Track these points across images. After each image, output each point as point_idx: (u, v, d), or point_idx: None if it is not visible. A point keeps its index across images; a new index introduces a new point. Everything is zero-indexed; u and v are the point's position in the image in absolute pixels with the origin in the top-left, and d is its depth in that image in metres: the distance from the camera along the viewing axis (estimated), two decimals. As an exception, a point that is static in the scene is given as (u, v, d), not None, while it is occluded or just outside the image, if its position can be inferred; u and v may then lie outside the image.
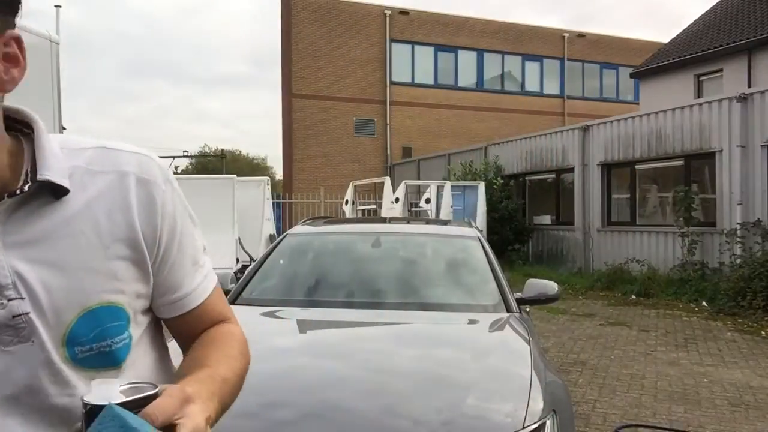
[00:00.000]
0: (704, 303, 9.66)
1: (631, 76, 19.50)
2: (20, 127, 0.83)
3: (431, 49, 23.36)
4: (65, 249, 0.76)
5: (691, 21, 19.03)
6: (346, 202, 13.51)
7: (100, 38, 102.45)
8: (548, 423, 2.06)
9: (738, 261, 9.63)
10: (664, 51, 18.31)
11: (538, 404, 2.12)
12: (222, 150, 27.71)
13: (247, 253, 12.93)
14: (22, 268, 0.73)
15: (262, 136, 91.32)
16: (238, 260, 12.73)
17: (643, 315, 9.19)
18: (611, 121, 13.05)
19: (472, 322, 3.16)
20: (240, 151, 45.37)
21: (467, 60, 23.99)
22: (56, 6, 11.01)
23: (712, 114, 10.75)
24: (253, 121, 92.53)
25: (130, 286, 0.82)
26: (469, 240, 3.98)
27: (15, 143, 0.81)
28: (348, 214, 13.01)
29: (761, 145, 9.89)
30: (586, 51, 25.79)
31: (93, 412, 0.63)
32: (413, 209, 13.44)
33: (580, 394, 5.20)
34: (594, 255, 12.97)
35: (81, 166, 0.81)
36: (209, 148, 37.91)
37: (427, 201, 12.82)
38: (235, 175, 14.01)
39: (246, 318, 3.64)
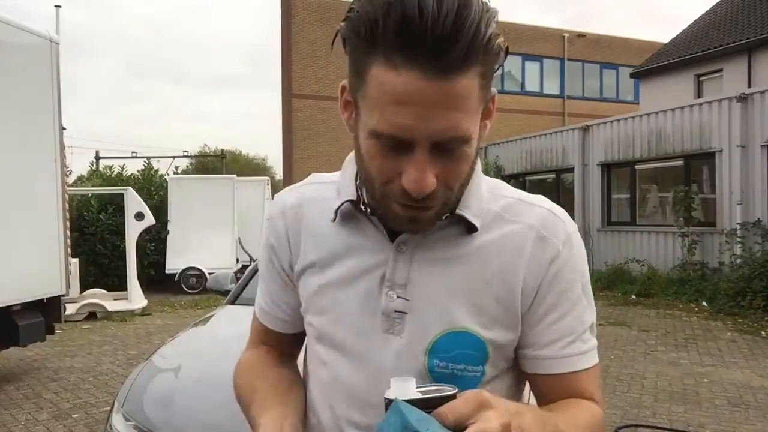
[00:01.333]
0: (704, 303, 9.66)
1: (631, 76, 19.50)
2: None
3: (431, 49, 23.32)
4: (456, 274, 0.86)
5: (691, 21, 19.04)
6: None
7: (101, 38, 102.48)
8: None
9: (738, 261, 9.63)
10: (664, 51, 18.31)
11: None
12: (222, 150, 27.67)
13: (247, 253, 12.94)
14: (417, 277, 0.86)
15: (262, 136, 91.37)
16: (238, 260, 12.75)
17: (643, 315, 9.19)
18: (611, 121, 13.04)
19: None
20: (240, 151, 45.33)
21: (467, 60, 23.99)
22: (56, 6, 11.02)
23: (712, 114, 10.75)
24: (253, 121, 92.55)
25: (496, 325, 0.87)
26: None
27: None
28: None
29: (761, 145, 9.88)
30: (586, 51, 25.78)
31: (388, 407, 0.66)
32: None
33: (580, 394, 5.19)
34: (594, 255, 12.96)
35: (496, 210, 0.89)
36: (209, 148, 37.84)
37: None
38: (235, 175, 14.03)
39: (246, 318, 3.65)
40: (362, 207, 0.89)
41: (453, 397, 0.68)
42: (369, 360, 0.87)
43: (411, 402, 0.65)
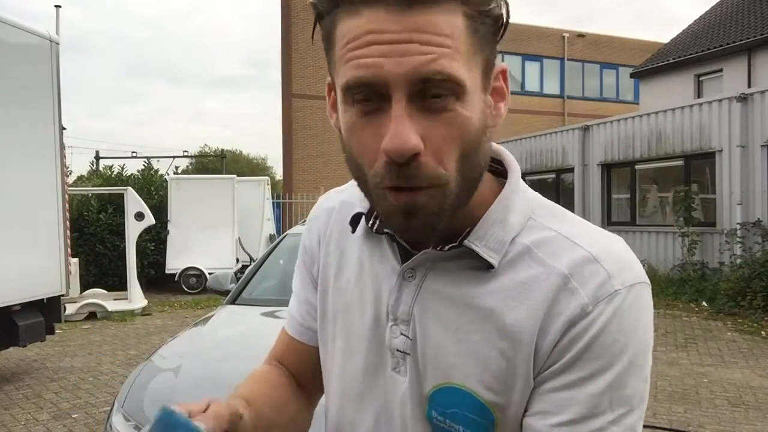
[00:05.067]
0: (704, 303, 9.66)
1: (631, 76, 19.50)
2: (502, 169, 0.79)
3: (431, 49, 23.34)
4: (464, 319, 0.72)
5: (691, 21, 19.04)
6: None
7: (101, 39, 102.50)
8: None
9: (738, 261, 9.63)
10: (664, 51, 18.31)
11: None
12: (222, 150, 27.68)
13: (247, 253, 12.94)
14: (420, 314, 0.74)
15: (262, 136, 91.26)
16: (238, 260, 12.75)
17: (643, 315, 9.18)
18: (611, 121, 13.05)
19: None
20: (240, 151, 45.30)
21: (467, 60, 24.00)
22: (56, 6, 11.03)
23: (712, 114, 10.75)
24: (253, 121, 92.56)
25: (504, 388, 0.70)
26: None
27: (494, 186, 0.76)
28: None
29: (761, 145, 9.89)
30: (586, 51, 25.79)
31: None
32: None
33: (580, 394, 5.20)
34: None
35: (526, 245, 0.72)
36: (209, 148, 37.87)
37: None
38: (235, 175, 14.02)
39: (246, 318, 3.66)
40: (374, 221, 0.80)
41: None
42: (377, 398, 0.79)
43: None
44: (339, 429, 0.84)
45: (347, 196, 0.88)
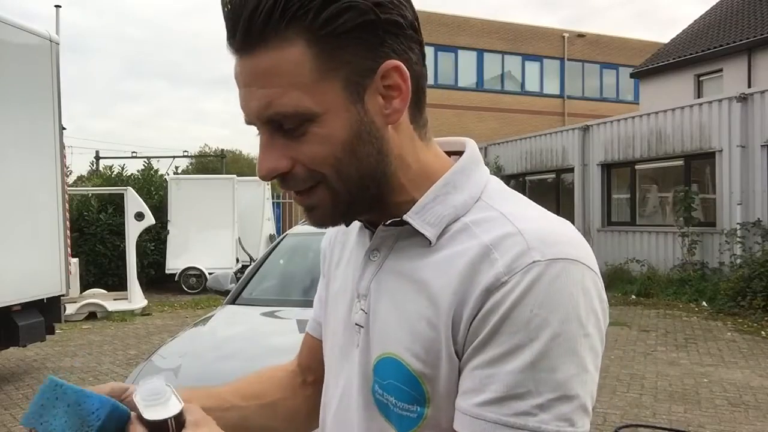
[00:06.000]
0: (704, 303, 9.66)
1: (631, 76, 19.50)
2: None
3: (431, 49, 23.33)
4: (406, 291, 0.75)
5: (691, 21, 19.04)
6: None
7: (101, 39, 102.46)
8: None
9: (738, 261, 9.63)
10: (664, 51, 18.31)
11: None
12: (222, 150, 27.67)
13: (247, 253, 12.94)
14: (376, 288, 0.79)
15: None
16: (238, 260, 12.75)
17: (643, 315, 9.19)
18: (611, 121, 13.05)
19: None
20: (240, 151, 45.31)
21: (467, 60, 23.98)
22: (56, 6, 11.03)
23: (712, 114, 10.75)
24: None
25: (431, 357, 0.70)
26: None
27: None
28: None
29: (761, 145, 9.89)
30: (586, 51, 25.77)
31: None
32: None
33: (580, 394, 5.20)
34: (594, 255, 12.98)
35: (466, 222, 0.74)
36: (209, 148, 37.90)
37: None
38: (235, 175, 14.02)
39: (246, 318, 3.66)
40: None
41: (171, 420, 0.64)
42: (344, 376, 0.82)
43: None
44: (323, 410, 0.88)
45: None
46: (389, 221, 0.77)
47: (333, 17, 0.66)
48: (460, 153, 0.82)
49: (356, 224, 0.86)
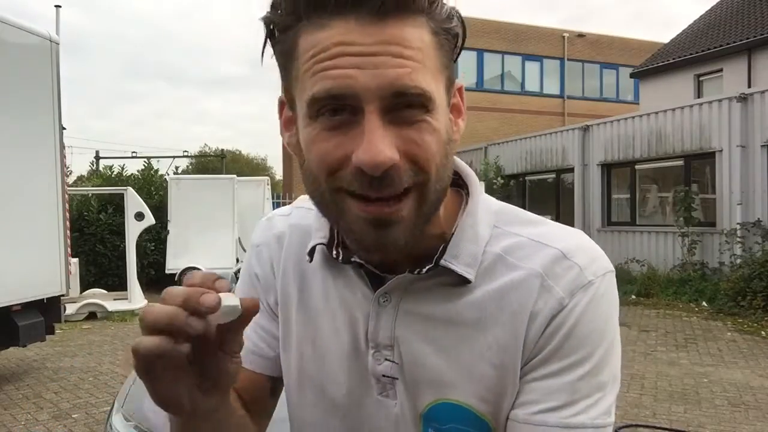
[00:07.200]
0: (704, 303, 9.66)
1: (631, 76, 19.51)
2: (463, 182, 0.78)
3: (431, 49, 23.31)
4: (448, 336, 0.72)
5: (691, 21, 19.05)
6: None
7: (100, 39, 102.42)
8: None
9: (738, 261, 9.63)
10: (664, 51, 18.31)
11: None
12: (222, 150, 27.66)
13: (247, 253, 12.94)
14: (404, 335, 0.73)
15: (262, 136, 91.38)
16: (238, 260, 12.75)
17: (643, 315, 9.19)
18: (611, 121, 13.05)
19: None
20: (240, 151, 45.32)
21: (467, 60, 23.99)
22: (56, 6, 11.02)
23: (712, 114, 10.75)
24: (253, 121, 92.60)
25: (497, 397, 0.71)
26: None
27: (457, 200, 0.76)
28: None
29: (761, 145, 9.89)
30: (586, 51, 25.78)
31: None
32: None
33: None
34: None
35: (497, 253, 0.72)
36: (209, 148, 37.88)
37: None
38: (235, 175, 14.01)
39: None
40: (337, 250, 0.76)
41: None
42: (367, 424, 0.77)
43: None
44: None
45: (296, 219, 0.85)
46: (426, 269, 0.70)
47: (449, 17, 0.65)
48: None
49: (317, 260, 0.79)
